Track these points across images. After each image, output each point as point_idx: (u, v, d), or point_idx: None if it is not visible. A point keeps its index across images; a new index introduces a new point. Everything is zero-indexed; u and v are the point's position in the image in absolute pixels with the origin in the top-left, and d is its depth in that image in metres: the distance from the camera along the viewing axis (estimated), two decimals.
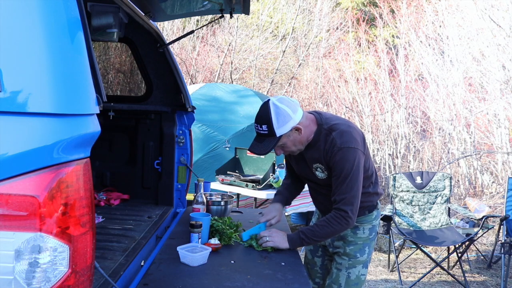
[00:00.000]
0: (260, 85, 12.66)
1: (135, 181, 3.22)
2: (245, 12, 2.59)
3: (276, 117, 1.99)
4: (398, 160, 8.34)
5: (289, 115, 2.01)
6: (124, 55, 8.30)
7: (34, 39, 1.11)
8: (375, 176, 2.26)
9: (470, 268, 4.67)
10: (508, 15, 6.75)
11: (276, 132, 2.01)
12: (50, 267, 1.10)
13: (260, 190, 4.26)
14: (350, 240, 2.24)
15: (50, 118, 1.10)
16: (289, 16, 13.14)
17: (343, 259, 2.24)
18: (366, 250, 2.25)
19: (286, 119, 2.01)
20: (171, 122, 3.09)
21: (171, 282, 1.77)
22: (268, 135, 2.03)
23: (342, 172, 2.02)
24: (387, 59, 9.07)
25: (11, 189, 1.06)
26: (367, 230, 2.26)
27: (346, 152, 2.01)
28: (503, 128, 6.92)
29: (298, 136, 2.07)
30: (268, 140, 2.04)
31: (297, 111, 2.05)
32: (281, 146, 2.10)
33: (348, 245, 2.24)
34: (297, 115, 2.04)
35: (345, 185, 2.02)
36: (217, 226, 2.33)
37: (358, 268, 2.23)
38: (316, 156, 2.12)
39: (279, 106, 2.01)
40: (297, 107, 2.06)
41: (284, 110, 2.01)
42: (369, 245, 2.27)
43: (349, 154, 2.01)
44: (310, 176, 2.23)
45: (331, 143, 2.05)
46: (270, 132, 2.01)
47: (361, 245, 2.25)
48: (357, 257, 2.23)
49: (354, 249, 2.24)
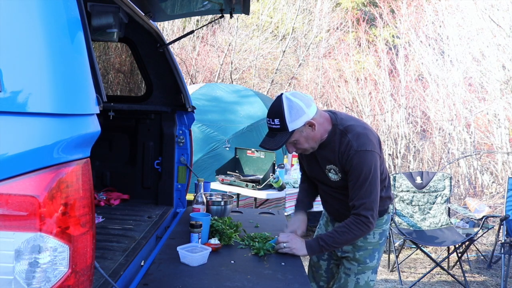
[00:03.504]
0: (260, 85, 12.65)
1: (135, 181, 3.22)
2: (245, 12, 2.58)
3: (289, 111, 1.93)
4: (398, 160, 8.34)
5: (302, 109, 1.95)
6: (124, 55, 8.30)
7: (34, 39, 1.11)
8: (388, 179, 2.20)
9: (470, 268, 4.67)
10: (508, 15, 6.75)
11: (289, 126, 1.94)
12: (50, 267, 1.10)
13: (260, 190, 4.26)
14: (360, 245, 2.18)
15: (50, 118, 1.10)
16: (289, 16, 13.12)
17: (352, 264, 2.19)
18: (376, 256, 2.20)
19: (299, 113, 1.94)
20: (171, 122, 3.09)
21: (171, 282, 1.77)
22: (280, 130, 1.96)
23: (360, 176, 1.96)
24: (387, 59, 9.06)
25: (11, 189, 1.06)
26: (377, 234, 2.21)
27: (363, 156, 1.95)
28: (503, 128, 6.92)
29: (312, 132, 2.00)
30: (280, 135, 1.97)
31: (311, 106, 1.98)
32: (294, 143, 2.03)
33: (358, 250, 2.18)
34: (311, 110, 1.97)
35: (364, 190, 1.97)
36: (217, 226, 2.33)
37: (367, 274, 2.18)
38: (330, 157, 2.06)
39: (292, 100, 1.95)
40: (311, 102, 2.00)
41: (297, 104, 1.95)
42: (379, 250, 2.22)
43: (367, 157, 1.96)
44: (322, 177, 2.16)
45: (347, 145, 1.99)
46: (283, 127, 1.95)
47: (371, 250, 2.19)
48: (366, 263, 2.18)
49: (364, 255, 2.18)
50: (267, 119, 2.00)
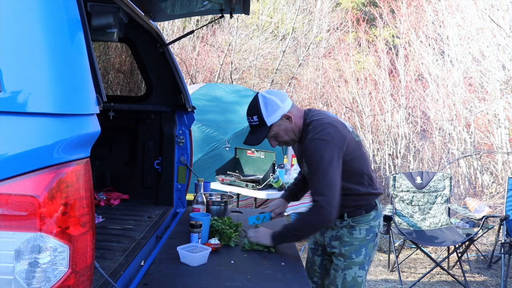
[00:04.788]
0: (260, 85, 12.65)
1: (135, 181, 3.23)
2: (245, 12, 2.59)
3: (265, 107, 2.09)
4: (398, 160, 8.34)
5: (277, 104, 2.10)
6: (124, 55, 8.30)
7: (34, 39, 1.11)
8: (368, 177, 2.21)
9: (470, 268, 4.67)
10: (508, 15, 6.75)
11: (267, 121, 2.10)
12: (50, 267, 1.10)
13: (260, 190, 4.26)
14: (346, 241, 2.21)
15: (50, 118, 1.10)
16: (289, 16, 13.12)
17: (339, 260, 2.22)
18: (362, 251, 2.21)
19: (274, 108, 2.09)
20: (171, 122, 3.09)
21: (171, 282, 1.77)
22: (259, 126, 2.12)
23: (312, 164, 2.05)
24: (387, 59, 9.06)
25: (11, 189, 1.06)
26: (363, 230, 2.21)
27: (316, 144, 2.03)
28: (503, 128, 6.92)
29: (290, 124, 2.13)
30: (260, 130, 2.12)
31: (286, 101, 2.13)
32: (274, 136, 2.17)
33: (344, 245, 2.21)
34: (286, 104, 2.12)
35: (316, 176, 2.03)
36: (217, 226, 2.33)
37: (354, 269, 2.19)
38: (301, 151, 2.18)
39: (267, 97, 2.11)
40: (286, 97, 2.15)
41: (272, 100, 2.10)
42: (366, 246, 2.22)
43: (319, 145, 2.02)
44: (304, 171, 2.26)
45: (306, 136, 2.10)
46: (261, 122, 2.10)
47: (357, 246, 2.20)
48: (352, 258, 2.19)
49: (350, 250, 2.20)
50: (247, 117, 2.16)
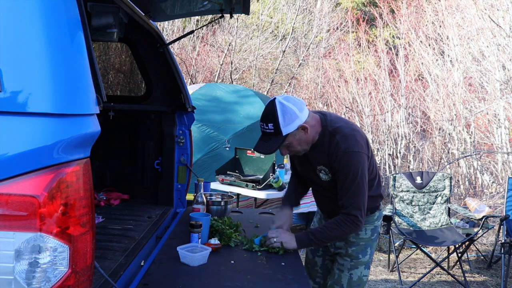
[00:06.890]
0: (260, 85, 12.66)
1: (135, 181, 3.22)
2: (245, 12, 2.59)
3: (282, 116, 1.97)
4: (398, 160, 8.34)
5: (295, 114, 1.99)
6: (124, 55, 8.29)
7: (34, 39, 1.11)
8: (377, 178, 2.24)
9: (470, 268, 4.67)
10: (508, 15, 6.75)
11: (283, 130, 1.98)
12: (50, 267, 1.10)
13: (260, 190, 4.26)
14: (352, 241, 2.23)
15: (50, 118, 1.10)
16: (289, 16, 13.12)
17: (345, 260, 2.24)
18: (368, 251, 2.24)
19: (292, 118, 1.98)
20: (171, 122, 3.09)
21: (171, 282, 1.77)
22: (274, 134, 2.00)
23: (348, 177, 2.01)
24: (387, 59, 9.06)
25: (11, 189, 1.06)
26: (369, 231, 2.26)
27: (351, 157, 2.01)
28: (503, 128, 6.92)
29: (304, 135, 2.05)
30: (274, 139, 2.01)
31: (303, 110, 2.03)
32: (287, 146, 2.07)
33: (350, 246, 2.23)
34: (303, 114, 2.02)
35: (352, 190, 2.02)
36: (217, 226, 2.33)
37: (360, 269, 2.23)
38: (320, 158, 2.11)
39: (285, 105, 1.99)
40: (304, 106, 2.04)
41: (291, 109, 1.98)
42: (371, 245, 2.27)
43: (354, 158, 2.01)
44: (314, 177, 2.21)
45: (335, 146, 2.03)
46: (276, 131, 1.99)
47: (363, 246, 2.24)
48: (359, 258, 2.23)
49: (356, 250, 2.23)
50: (261, 123, 2.04)
